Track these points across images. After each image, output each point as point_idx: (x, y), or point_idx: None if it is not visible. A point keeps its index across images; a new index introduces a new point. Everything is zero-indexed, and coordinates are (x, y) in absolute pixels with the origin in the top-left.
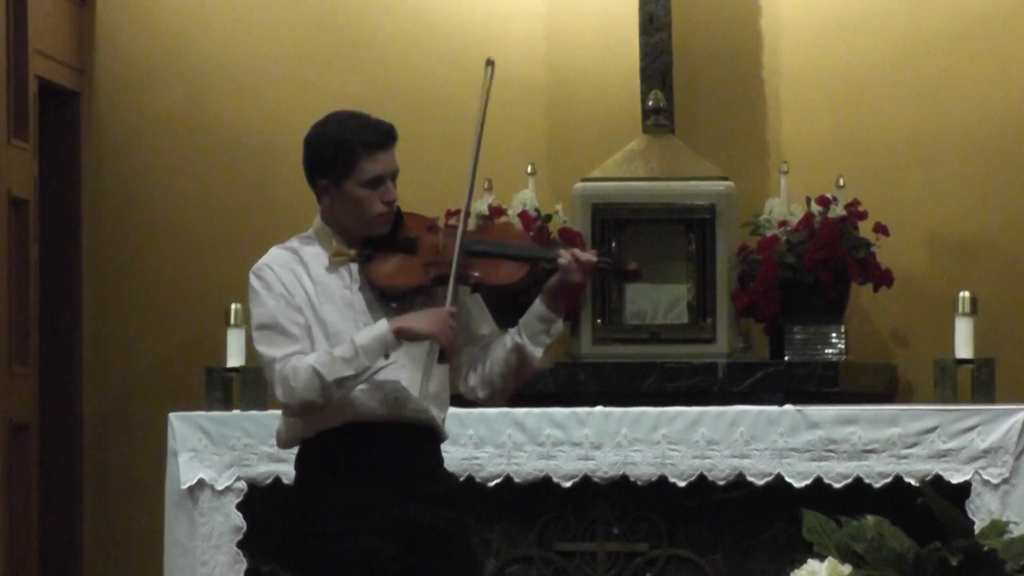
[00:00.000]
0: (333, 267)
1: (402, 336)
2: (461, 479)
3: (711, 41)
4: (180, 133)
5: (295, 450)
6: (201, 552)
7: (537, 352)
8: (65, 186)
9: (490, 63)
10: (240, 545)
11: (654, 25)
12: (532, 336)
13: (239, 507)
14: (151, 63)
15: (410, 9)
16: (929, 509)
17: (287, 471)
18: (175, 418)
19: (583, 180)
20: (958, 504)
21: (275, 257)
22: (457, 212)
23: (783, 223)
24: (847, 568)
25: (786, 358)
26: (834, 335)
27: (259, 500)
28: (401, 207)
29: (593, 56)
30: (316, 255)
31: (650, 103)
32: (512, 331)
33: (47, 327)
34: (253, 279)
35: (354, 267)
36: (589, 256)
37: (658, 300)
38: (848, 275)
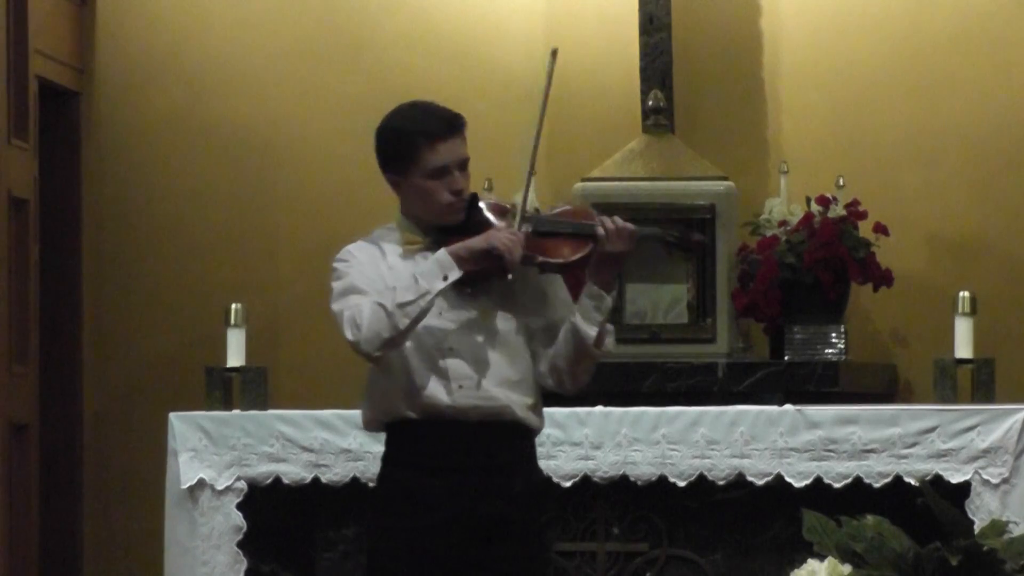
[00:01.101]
0: (407, 255)
1: (458, 254)
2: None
3: (711, 41)
4: (180, 133)
5: (296, 450)
6: (201, 552)
7: (590, 330)
8: (65, 186)
9: (554, 53)
10: (240, 545)
11: (654, 25)
12: (584, 314)
13: (239, 507)
14: (151, 63)
15: (410, 9)
16: (929, 509)
17: (287, 471)
18: (175, 418)
19: (583, 180)
20: (958, 504)
21: (357, 246)
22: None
23: (783, 223)
24: (847, 568)
25: (786, 358)
26: (834, 335)
27: (259, 500)
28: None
29: (593, 56)
30: (394, 245)
31: (650, 103)
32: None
33: (47, 327)
34: (335, 262)
35: (429, 254)
36: (628, 225)
37: (658, 300)
38: (848, 275)
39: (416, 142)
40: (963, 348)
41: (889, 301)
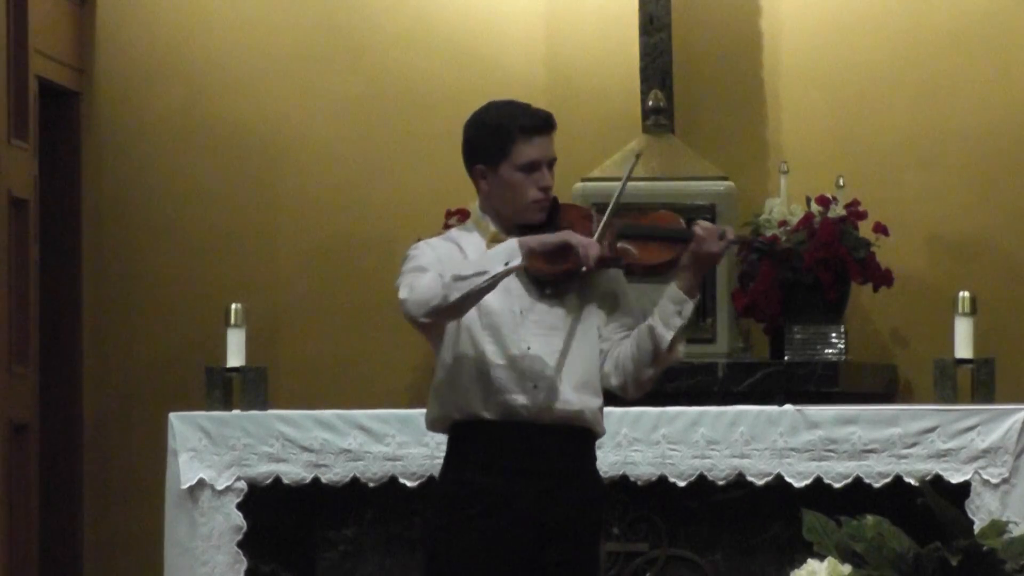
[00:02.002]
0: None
1: (527, 244)
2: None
3: (711, 41)
4: (180, 133)
5: (296, 450)
6: (201, 552)
7: (667, 334)
8: (65, 186)
9: (638, 155)
10: (240, 545)
11: (654, 25)
12: (664, 318)
13: (239, 507)
14: (151, 63)
15: (410, 9)
16: (929, 509)
17: (287, 471)
18: (175, 418)
19: (583, 180)
20: (958, 504)
21: (434, 241)
22: (456, 212)
23: (783, 223)
24: (847, 568)
25: (786, 358)
26: (834, 335)
27: (259, 500)
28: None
29: (593, 56)
30: (474, 242)
31: (650, 103)
32: (648, 317)
33: (47, 327)
34: (409, 251)
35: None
36: (726, 228)
37: (658, 300)
38: (848, 275)
39: (513, 135)
40: (963, 348)
41: (889, 301)
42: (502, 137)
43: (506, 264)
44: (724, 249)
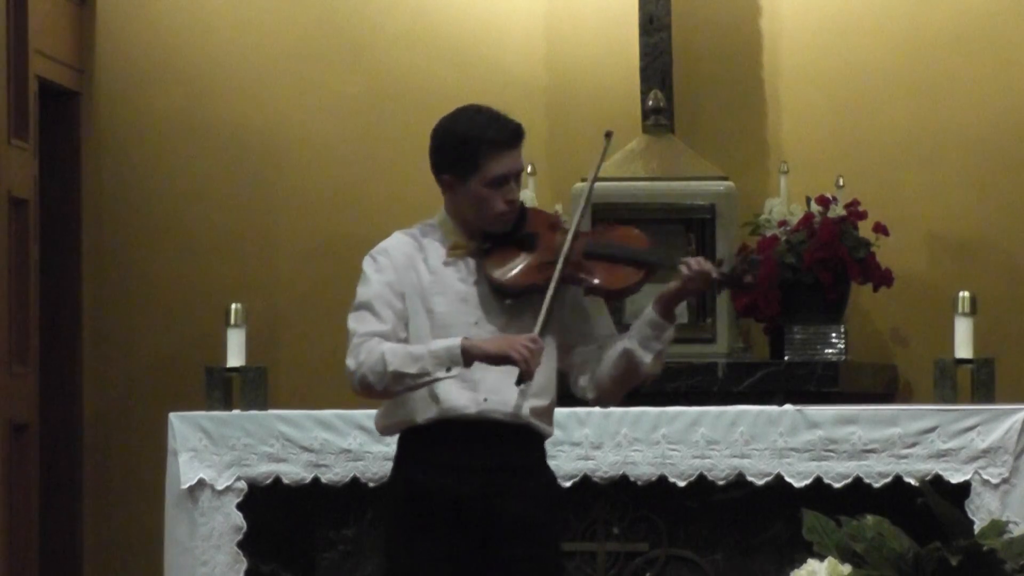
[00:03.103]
0: (451, 260)
1: (469, 354)
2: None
3: (711, 41)
4: (180, 133)
5: (296, 450)
6: (201, 552)
7: (646, 358)
8: (65, 186)
9: (608, 135)
10: (240, 545)
11: (654, 25)
12: (642, 342)
13: (239, 507)
14: (151, 63)
15: (410, 9)
16: (929, 509)
17: (287, 471)
18: (175, 418)
19: (583, 180)
20: (958, 504)
21: (396, 242)
22: None
23: (783, 223)
24: (847, 568)
25: (786, 358)
26: (834, 335)
27: (259, 500)
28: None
29: (593, 56)
30: (436, 245)
31: (650, 103)
32: (624, 335)
33: (47, 327)
34: (367, 260)
35: (472, 260)
36: (712, 267)
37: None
38: (848, 275)
39: (482, 150)
40: (963, 348)
41: (889, 301)
42: (471, 151)
43: (448, 371)
44: (706, 289)
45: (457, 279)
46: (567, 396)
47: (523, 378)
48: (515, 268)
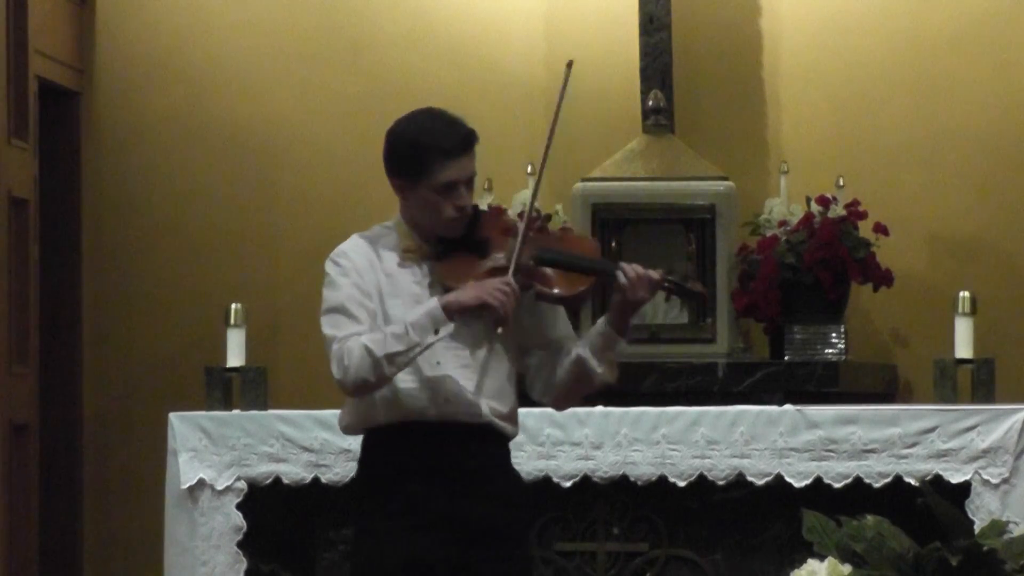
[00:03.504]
0: (405, 263)
1: (450, 309)
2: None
3: (711, 41)
4: (180, 133)
5: (297, 450)
6: (201, 552)
7: (598, 368)
8: (65, 186)
9: (569, 64)
10: (240, 545)
11: (654, 25)
12: (595, 351)
13: (239, 507)
14: (151, 63)
15: (410, 9)
16: (929, 509)
17: (287, 471)
18: (175, 418)
19: (583, 180)
20: (958, 504)
21: (354, 245)
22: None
23: (783, 223)
24: (847, 568)
25: (786, 358)
26: (834, 335)
27: (259, 500)
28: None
29: (593, 56)
30: (392, 247)
31: (650, 103)
32: (579, 341)
33: (47, 327)
34: (330, 264)
35: (426, 264)
36: (650, 274)
37: (658, 300)
38: (848, 275)
39: (430, 156)
40: (963, 348)
41: (889, 301)
42: (420, 157)
43: (436, 332)
44: (652, 294)
45: (412, 282)
46: (522, 397)
47: (500, 322)
48: (467, 273)
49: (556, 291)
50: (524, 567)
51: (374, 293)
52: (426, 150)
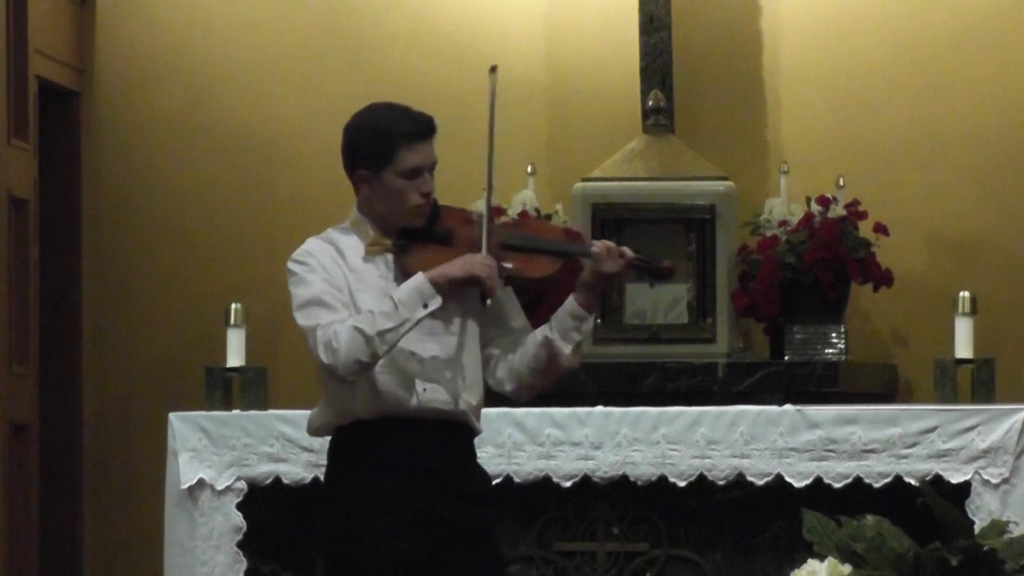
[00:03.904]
0: (369, 257)
1: (438, 282)
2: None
3: (711, 41)
4: (180, 133)
5: (297, 450)
6: (201, 552)
7: (566, 348)
8: (65, 186)
9: (493, 70)
10: (240, 545)
11: (654, 25)
12: (563, 332)
13: (239, 507)
14: (151, 63)
15: (410, 9)
16: (929, 509)
17: (287, 471)
18: (175, 418)
19: (583, 180)
20: (958, 504)
21: (314, 245)
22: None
23: (783, 223)
24: (847, 568)
25: (786, 358)
26: (834, 335)
27: (259, 500)
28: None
29: (593, 56)
30: (353, 245)
31: (650, 103)
32: (544, 326)
33: (47, 327)
34: (292, 264)
35: (390, 257)
36: (623, 248)
37: (658, 300)
38: (848, 275)
39: (395, 141)
40: (963, 348)
41: (889, 301)
42: (384, 143)
43: (425, 307)
44: (623, 268)
45: (378, 276)
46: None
47: (487, 294)
48: (432, 263)
49: (526, 274)
50: (499, 564)
51: (344, 287)
52: (390, 136)
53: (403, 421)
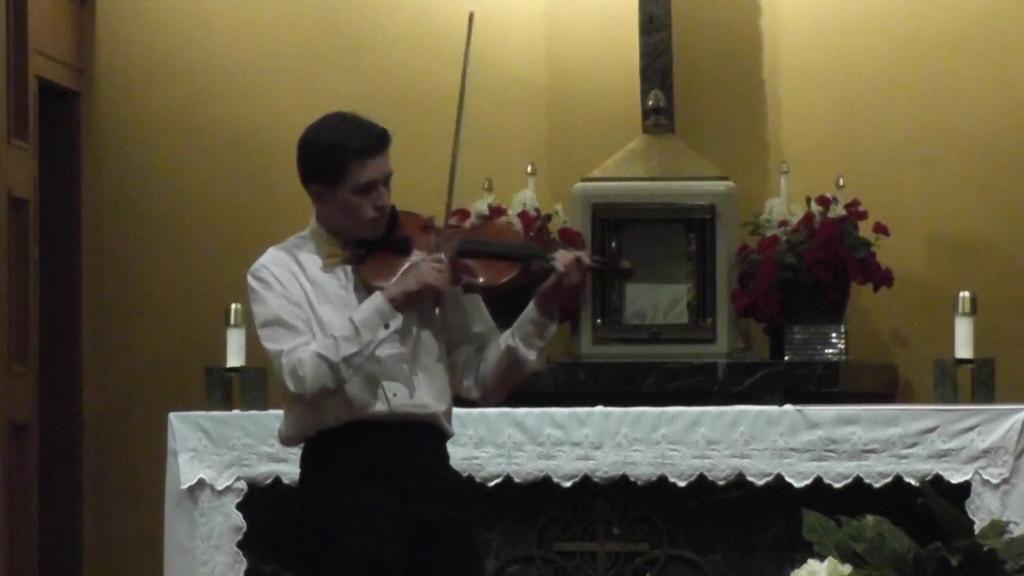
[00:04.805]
0: (328, 268)
1: (396, 301)
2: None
3: (711, 41)
4: (180, 133)
5: (297, 449)
6: (201, 552)
7: (530, 355)
8: (65, 186)
9: (471, 16)
10: (240, 545)
11: (654, 25)
12: (525, 339)
13: (239, 507)
14: (151, 63)
15: (410, 9)
16: (929, 509)
17: (287, 471)
18: (175, 418)
19: (583, 180)
20: (958, 504)
21: (272, 258)
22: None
23: (783, 223)
24: (847, 568)
25: (786, 358)
26: (834, 335)
27: (259, 500)
28: (397, 206)
29: (593, 56)
30: (311, 255)
31: (650, 103)
32: (507, 332)
33: (47, 327)
34: (251, 280)
35: (349, 267)
36: (580, 256)
37: (658, 300)
38: (848, 275)
39: (347, 158)
40: (963, 348)
41: (889, 301)
42: (336, 160)
43: (386, 327)
44: (584, 278)
45: (337, 286)
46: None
47: (440, 301)
48: (391, 272)
49: (484, 281)
50: (477, 566)
51: (303, 302)
52: (342, 152)
53: (374, 425)
